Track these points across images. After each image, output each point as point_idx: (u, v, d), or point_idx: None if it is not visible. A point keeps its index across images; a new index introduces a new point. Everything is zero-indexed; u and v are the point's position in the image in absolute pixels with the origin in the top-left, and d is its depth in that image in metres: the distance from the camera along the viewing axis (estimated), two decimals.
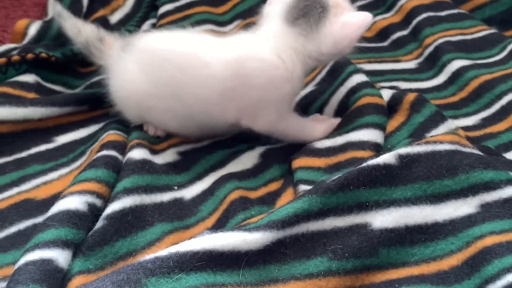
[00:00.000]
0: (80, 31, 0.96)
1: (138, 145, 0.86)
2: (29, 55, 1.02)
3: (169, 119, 0.90)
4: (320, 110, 0.99)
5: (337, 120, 0.92)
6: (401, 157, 0.75)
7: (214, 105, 0.86)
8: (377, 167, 0.73)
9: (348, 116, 0.91)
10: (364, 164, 0.73)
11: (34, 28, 1.14)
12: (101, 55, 0.95)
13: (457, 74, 1.09)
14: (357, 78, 0.97)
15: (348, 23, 0.84)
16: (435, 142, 0.77)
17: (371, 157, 0.77)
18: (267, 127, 0.88)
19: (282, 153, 0.91)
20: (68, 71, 1.10)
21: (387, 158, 0.74)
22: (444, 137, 0.78)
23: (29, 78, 1.02)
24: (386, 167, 0.74)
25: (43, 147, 0.92)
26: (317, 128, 0.91)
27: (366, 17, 0.85)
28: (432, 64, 1.14)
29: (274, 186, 0.85)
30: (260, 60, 0.84)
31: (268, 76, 0.84)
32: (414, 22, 1.24)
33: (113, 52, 0.93)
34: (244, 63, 0.84)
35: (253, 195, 0.83)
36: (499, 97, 1.01)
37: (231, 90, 0.84)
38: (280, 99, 0.86)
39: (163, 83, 0.87)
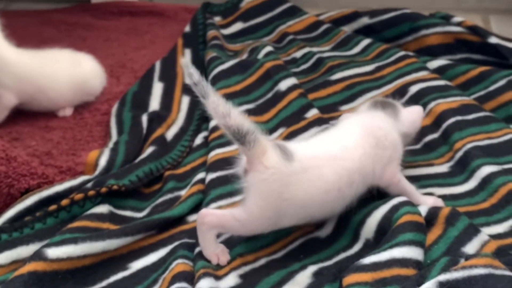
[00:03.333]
0: (231, 115, 0.97)
1: (205, 275, 0.97)
2: (103, 189, 1.16)
3: (324, 209, 1.07)
4: (361, 223, 1.08)
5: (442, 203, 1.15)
6: (441, 284, 0.84)
7: (371, 174, 1.11)
8: None
9: (392, 232, 1.01)
10: None
11: (104, 159, 1.29)
12: (250, 152, 1.00)
13: (487, 180, 1.18)
14: (399, 198, 1.09)
15: (412, 110, 1.23)
16: (470, 266, 0.87)
17: (414, 276, 0.87)
18: (391, 178, 1.13)
19: (332, 272, 1.01)
20: (135, 195, 1.24)
21: (429, 287, 0.84)
22: (478, 261, 0.88)
23: (103, 209, 1.16)
24: None
25: (120, 275, 1.04)
26: (427, 198, 1.16)
27: (420, 107, 1.26)
28: (463, 168, 1.24)
29: None
30: (383, 128, 1.14)
31: (392, 138, 1.14)
32: (444, 125, 1.34)
33: (275, 159, 1.01)
34: (375, 134, 1.12)
35: None
36: None
37: (375, 158, 1.11)
38: (399, 155, 1.15)
39: (336, 181, 1.05)
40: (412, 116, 1.22)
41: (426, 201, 1.13)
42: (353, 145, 1.09)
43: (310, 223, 1.11)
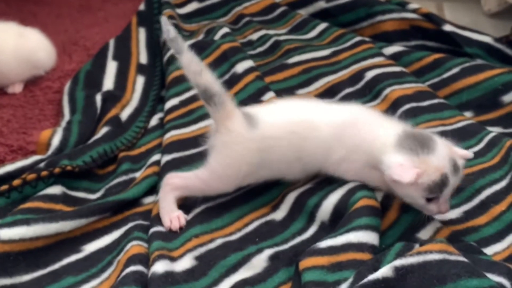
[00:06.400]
0: (202, 73, 1.04)
1: (159, 257, 0.97)
2: (57, 170, 1.13)
3: (281, 174, 1.11)
4: (317, 205, 1.09)
5: None
6: (397, 269, 0.85)
7: (321, 156, 1.08)
8: (377, 282, 0.84)
9: (348, 216, 1.01)
10: (365, 280, 0.84)
11: (57, 139, 1.27)
12: (216, 113, 1.06)
13: None
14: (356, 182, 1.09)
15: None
16: (425, 252, 0.88)
17: (369, 261, 0.89)
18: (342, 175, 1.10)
19: (288, 256, 1.02)
20: (88, 176, 1.23)
21: (385, 271, 0.85)
22: (433, 247, 0.89)
23: (56, 190, 1.13)
24: (384, 280, 0.84)
25: (73, 258, 1.03)
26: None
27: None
28: None
29: None
30: (359, 131, 1.07)
31: (358, 143, 1.06)
32: (399, 112, 1.35)
33: (239, 124, 1.06)
34: (345, 130, 1.07)
35: None
36: (478, 191, 1.12)
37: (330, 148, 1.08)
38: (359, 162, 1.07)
39: (290, 150, 1.07)
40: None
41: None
42: (319, 125, 1.08)
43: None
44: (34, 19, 1.79)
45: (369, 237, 0.98)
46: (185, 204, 1.12)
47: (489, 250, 1.01)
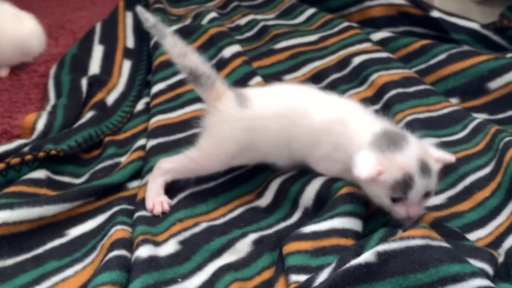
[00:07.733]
0: (187, 56, 1.07)
1: (144, 242, 0.97)
2: (41, 154, 1.13)
3: (270, 157, 1.10)
4: (300, 191, 1.09)
5: None
6: (379, 254, 0.85)
7: (309, 146, 1.07)
8: (359, 267, 0.84)
9: (333, 202, 1.01)
10: (348, 265, 0.84)
11: (41, 123, 1.26)
12: (205, 94, 1.07)
13: None
14: None
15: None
16: (408, 237, 0.88)
17: (352, 246, 0.89)
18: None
19: (272, 240, 1.02)
20: (73, 161, 1.22)
21: (367, 256, 0.85)
22: (416, 232, 0.89)
23: (40, 174, 1.13)
24: (367, 265, 0.84)
25: (57, 242, 1.03)
26: None
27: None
28: None
29: (267, 275, 0.96)
30: (346, 130, 1.04)
31: (341, 142, 1.04)
32: (385, 97, 1.36)
33: (228, 104, 1.07)
34: (332, 127, 1.05)
35: (249, 285, 0.94)
36: (462, 177, 1.13)
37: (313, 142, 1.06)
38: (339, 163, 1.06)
39: (281, 134, 1.06)
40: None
41: None
42: (311, 113, 1.06)
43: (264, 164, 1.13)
44: (19, 1, 1.77)
45: (353, 223, 0.98)
46: (170, 188, 1.12)
47: (472, 236, 1.02)
